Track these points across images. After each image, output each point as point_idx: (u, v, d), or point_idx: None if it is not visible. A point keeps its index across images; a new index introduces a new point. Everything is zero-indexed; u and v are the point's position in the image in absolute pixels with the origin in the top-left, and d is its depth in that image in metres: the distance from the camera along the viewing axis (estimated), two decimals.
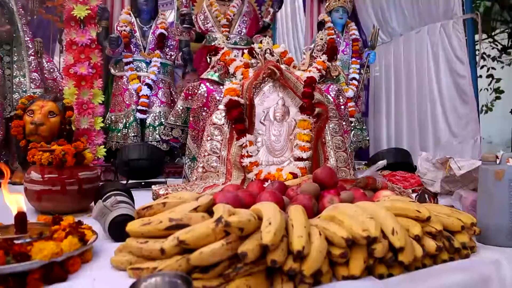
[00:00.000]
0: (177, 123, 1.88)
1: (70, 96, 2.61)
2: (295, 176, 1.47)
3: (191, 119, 1.77)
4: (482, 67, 5.27)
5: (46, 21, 3.23)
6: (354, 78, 3.17)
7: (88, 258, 0.91)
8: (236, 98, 1.56)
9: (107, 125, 2.78)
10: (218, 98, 1.73)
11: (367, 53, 3.14)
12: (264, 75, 1.63)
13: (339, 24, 3.29)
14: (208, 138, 1.58)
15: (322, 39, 1.87)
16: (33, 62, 2.69)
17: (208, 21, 3.35)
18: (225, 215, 0.80)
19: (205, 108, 1.75)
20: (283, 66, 1.76)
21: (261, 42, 1.84)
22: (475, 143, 2.85)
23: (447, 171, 1.33)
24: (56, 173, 1.41)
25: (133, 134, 2.63)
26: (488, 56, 5.66)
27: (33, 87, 2.68)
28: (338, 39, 3.26)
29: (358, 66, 3.22)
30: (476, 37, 3.07)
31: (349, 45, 3.28)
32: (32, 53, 2.71)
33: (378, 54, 3.69)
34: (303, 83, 1.64)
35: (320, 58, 1.84)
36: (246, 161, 1.51)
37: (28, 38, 2.71)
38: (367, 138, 3.19)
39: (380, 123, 3.79)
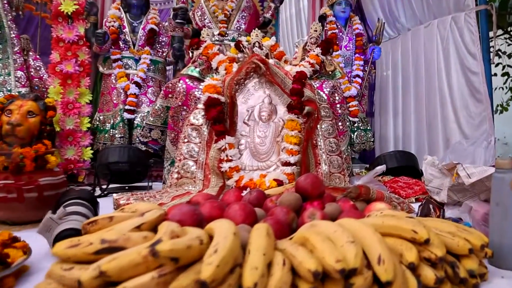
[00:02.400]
0: (156, 124, 1.72)
1: (55, 95, 2.49)
2: (280, 183, 1.30)
3: (169, 119, 1.61)
4: (497, 64, 4.99)
5: (36, 18, 3.12)
6: (357, 76, 2.96)
7: (10, 285, 0.75)
8: (215, 95, 1.39)
9: (95, 126, 2.65)
10: (198, 96, 1.57)
11: (372, 48, 2.93)
12: (247, 70, 1.46)
13: (341, 18, 3.09)
14: (185, 140, 1.41)
15: (316, 31, 1.68)
16: (18, 60, 2.59)
17: (205, 17, 3.20)
18: (165, 238, 0.64)
19: (184, 107, 1.59)
20: (272, 61, 1.59)
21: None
22: (488, 145, 2.62)
23: (454, 179, 1.14)
24: (12, 179, 1.28)
25: (119, 135, 2.49)
26: (504, 53, 5.36)
27: (18, 86, 2.58)
28: (341, 33, 3.06)
29: (362, 63, 3.02)
30: (491, 33, 2.83)
31: (353, 40, 3.08)
32: (18, 51, 2.60)
33: (385, 50, 3.49)
34: (292, 78, 1.47)
35: (314, 51, 1.66)
36: (225, 166, 1.34)
37: (13, 35, 2.60)
38: (372, 140, 2.98)
39: (387, 124, 3.57)
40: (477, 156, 2.53)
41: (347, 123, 2.09)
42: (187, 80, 1.63)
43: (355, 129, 2.88)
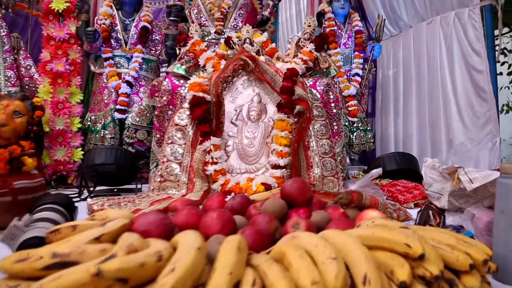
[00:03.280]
0: (142, 124, 1.65)
1: (45, 95, 2.43)
2: (268, 187, 1.21)
3: (155, 119, 1.53)
4: (502, 63, 4.86)
5: (34, 16, 3.05)
6: (357, 74, 2.87)
7: None
8: (201, 94, 1.31)
9: (87, 126, 2.58)
10: (184, 94, 1.49)
11: (372, 46, 2.83)
12: (235, 67, 1.38)
13: (340, 15, 3.00)
14: (169, 141, 1.34)
15: (310, 26, 1.60)
16: (8, 58, 2.53)
17: (201, 15, 3.13)
18: (120, 253, 0.56)
19: (170, 107, 1.51)
20: (263, 58, 1.51)
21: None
22: (493, 146, 2.51)
23: (455, 184, 1.05)
24: None
25: (110, 136, 2.42)
26: (510, 51, 5.23)
27: (8, 85, 2.52)
28: (340, 31, 2.97)
29: (361, 61, 2.91)
30: (496, 31, 2.72)
31: (352, 37, 2.98)
32: (8, 49, 2.55)
33: (386, 48, 3.39)
34: (282, 76, 1.38)
35: (307, 47, 1.57)
36: (210, 168, 1.26)
37: (3, 34, 2.55)
38: (372, 140, 2.88)
39: (388, 124, 3.47)
40: (481, 158, 2.43)
41: (343, 123, 2.00)
42: (172, 78, 1.55)
43: (354, 129, 2.79)
